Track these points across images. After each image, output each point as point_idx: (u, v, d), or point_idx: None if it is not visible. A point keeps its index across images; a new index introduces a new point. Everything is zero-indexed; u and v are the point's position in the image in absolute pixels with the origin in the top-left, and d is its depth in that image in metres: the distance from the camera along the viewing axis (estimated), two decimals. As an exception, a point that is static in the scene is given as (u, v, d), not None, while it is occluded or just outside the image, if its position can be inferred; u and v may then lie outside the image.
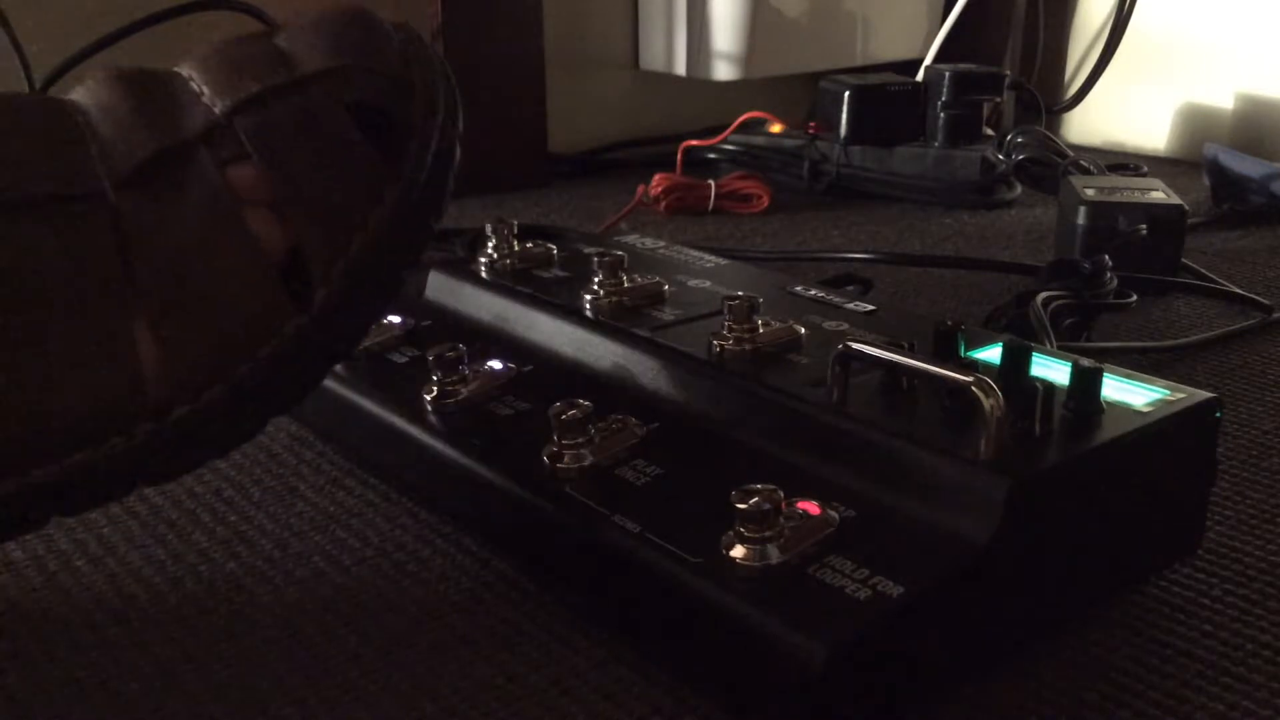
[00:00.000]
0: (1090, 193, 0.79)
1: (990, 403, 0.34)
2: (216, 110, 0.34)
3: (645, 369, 0.44)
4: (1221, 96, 1.22)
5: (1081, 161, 0.98)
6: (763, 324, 0.43)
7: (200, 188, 0.33)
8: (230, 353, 0.33)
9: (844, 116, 1.03)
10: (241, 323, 0.33)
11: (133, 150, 0.33)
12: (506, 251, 0.55)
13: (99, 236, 0.31)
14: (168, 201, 0.32)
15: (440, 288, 0.55)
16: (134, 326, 0.31)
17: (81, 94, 0.35)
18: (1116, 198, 0.78)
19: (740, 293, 0.45)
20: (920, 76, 1.08)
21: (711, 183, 0.97)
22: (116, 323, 0.31)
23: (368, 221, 0.34)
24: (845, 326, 0.46)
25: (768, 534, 0.33)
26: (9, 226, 0.30)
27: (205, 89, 0.35)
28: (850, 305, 0.49)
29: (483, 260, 0.55)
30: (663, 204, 0.96)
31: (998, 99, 1.08)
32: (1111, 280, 0.67)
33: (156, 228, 0.32)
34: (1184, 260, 0.78)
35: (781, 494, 0.34)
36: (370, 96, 0.35)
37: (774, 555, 0.33)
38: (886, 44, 1.25)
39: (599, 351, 0.46)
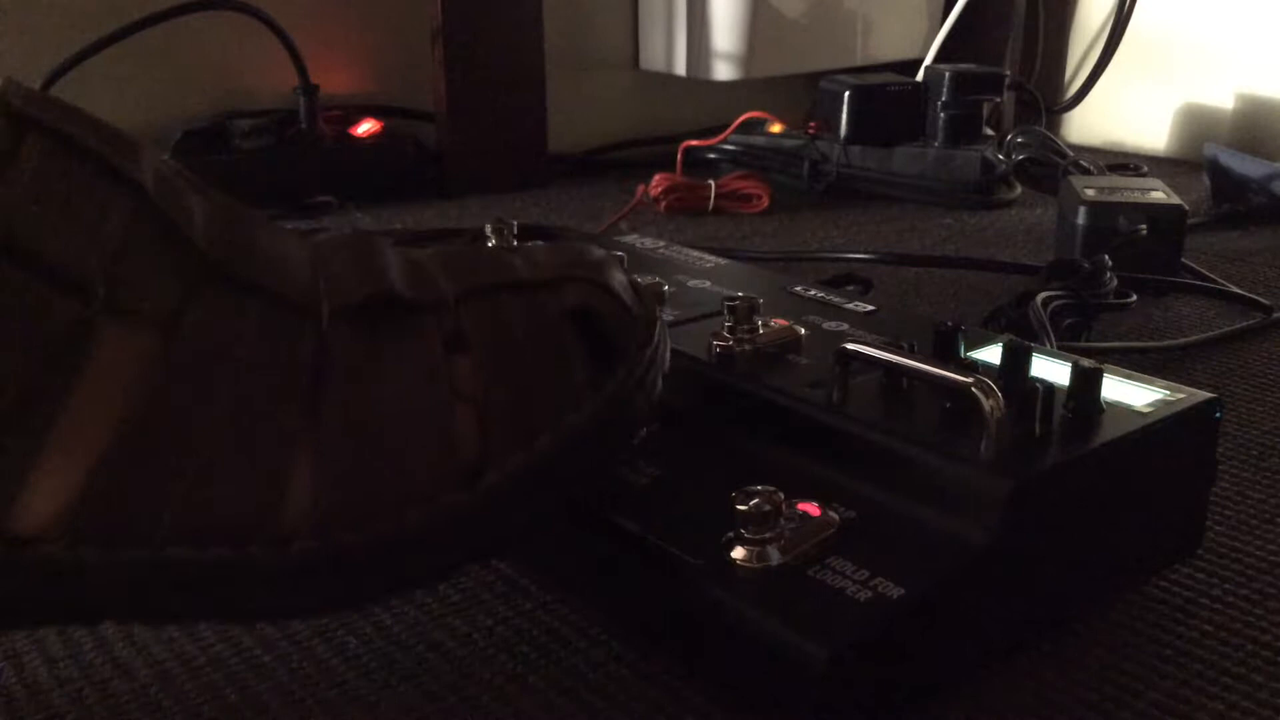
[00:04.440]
0: (1090, 193, 0.79)
1: (990, 404, 0.34)
2: (449, 294, 0.34)
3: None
4: (1221, 96, 1.22)
5: (1081, 161, 0.98)
6: (763, 324, 0.43)
7: (416, 352, 0.33)
8: (378, 511, 0.31)
9: (844, 116, 1.03)
10: (400, 485, 0.32)
11: (358, 288, 0.33)
12: (506, 252, 0.55)
13: (297, 348, 0.31)
14: (377, 351, 0.32)
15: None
16: (298, 448, 0.31)
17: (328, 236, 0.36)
18: (1116, 198, 0.78)
19: (740, 293, 0.45)
20: (920, 76, 1.08)
21: (711, 183, 0.97)
22: (284, 433, 0.31)
23: (560, 426, 0.33)
24: (845, 327, 0.46)
25: (768, 535, 0.33)
26: (220, 302, 0.30)
27: (439, 273, 0.35)
28: (850, 305, 0.49)
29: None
30: (663, 204, 0.96)
31: (998, 99, 1.08)
32: (1111, 280, 0.67)
33: (357, 370, 0.32)
34: (1184, 260, 0.78)
35: (782, 495, 0.34)
36: (595, 307, 0.35)
37: (775, 557, 0.33)
38: (886, 44, 1.24)
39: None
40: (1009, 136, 1.08)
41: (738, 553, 0.33)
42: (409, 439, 0.32)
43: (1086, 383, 0.37)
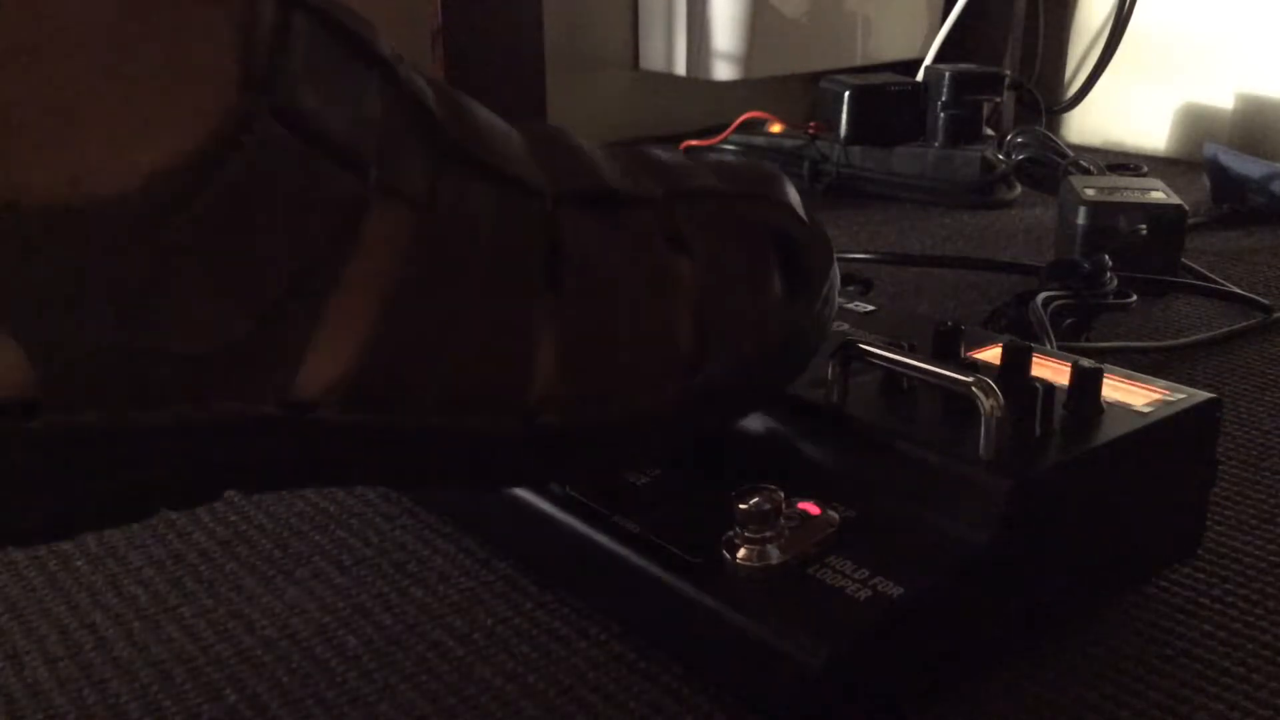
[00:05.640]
0: (1090, 193, 0.79)
1: (990, 403, 0.34)
2: (658, 191, 0.35)
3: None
4: (1221, 96, 1.22)
5: (1081, 161, 0.98)
6: (762, 324, 0.43)
7: (641, 243, 0.34)
8: (614, 392, 0.33)
9: (844, 116, 1.03)
10: (632, 370, 0.33)
11: (579, 176, 0.34)
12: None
13: (532, 228, 0.32)
14: (608, 235, 0.33)
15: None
16: (543, 326, 0.32)
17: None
18: (1116, 198, 0.78)
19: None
20: (920, 76, 1.08)
21: (711, 183, 0.97)
22: (529, 311, 0.32)
23: (763, 335, 0.35)
24: (845, 326, 0.46)
25: (768, 534, 0.33)
26: (464, 182, 0.31)
27: (641, 174, 0.36)
28: (850, 305, 0.49)
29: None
30: (662, 204, 0.96)
31: (998, 99, 1.08)
32: (1111, 280, 0.67)
33: (591, 252, 0.33)
34: (1184, 260, 0.78)
35: (781, 494, 0.34)
36: (786, 227, 0.37)
37: (774, 556, 0.33)
38: (886, 44, 1.24)
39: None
40: (1009, 136, 1.08)
41: (737, 552, 0.33)
42: (640, 326, 0.33)
43: (1086, 382, 0.37)
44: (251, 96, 0.27)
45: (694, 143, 1.06)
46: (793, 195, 0.38)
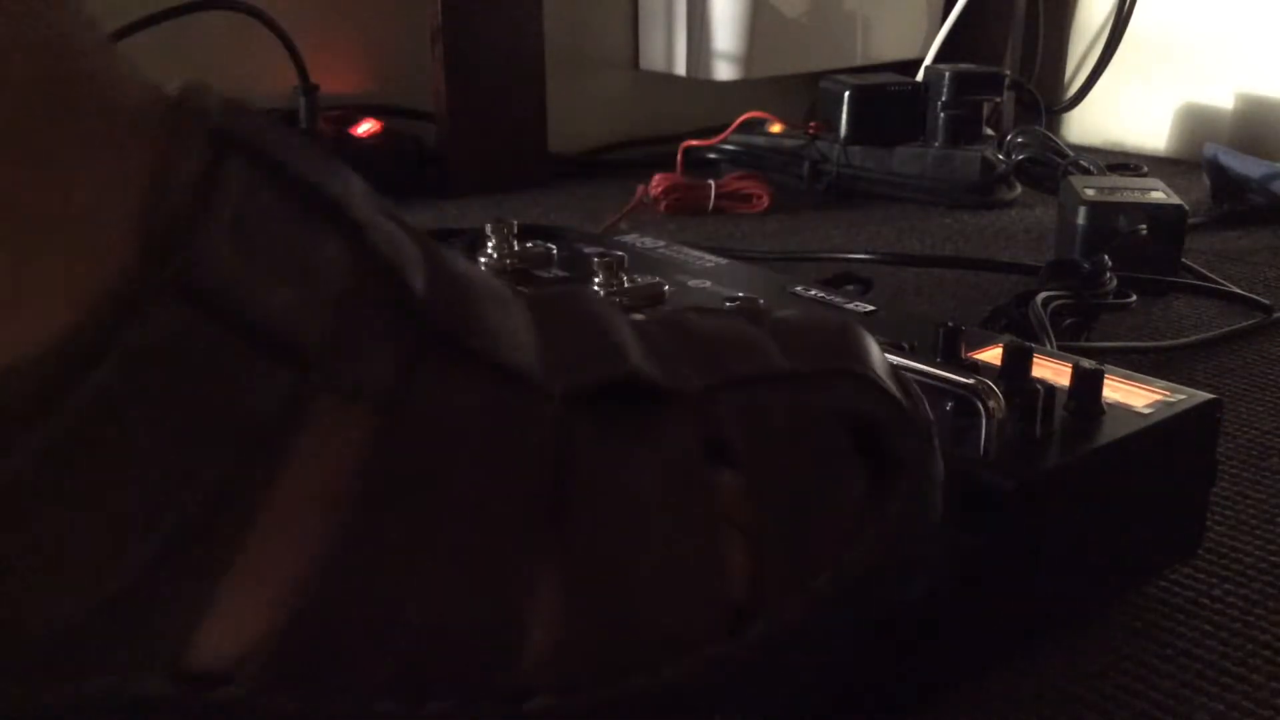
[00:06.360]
0: (1090, 193, 0.79)
1: (991, 404, 0.34)
2: (696, 381, 0.27)
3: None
4: (1221, 96, 1.22)
5: (1081, 161, 0.98)
6: (763, 324, 0.43)
7: (672, 456, 0.26)
8: (634, 654, 0.25)
9: (844, 116, 1.03)
10: (661, 625, 0.25)
11: (598, 363, 0.26)
12: (506, 251, 0.55)
13: (536, 436, 0.24)
14: (625, 445, 0.26)
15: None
16: (544, 570, 0.24)
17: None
18: (1116, 198, 0.78)
19: (740, 293, 0.45)
20: (920, 76, 1.08)
21: (711, 183, 0.97)
22: (528, 548, 0.24)
23: (841, 561, 0.27)
24: (845, 327, 0.46)
25: (768, 535, 0.33)
26: (446, 376, 0.24)
27: (679, 353, 0.28)
28: (850, 305, 0.49)
29: (482, 260, 0.55)
30: (663, 204, 0.96)
31: (998, 99, 1.08)
32: (1111, 280, 0.67)
33: (609, 470, 0.25)
34: (1184, 260, 0.78)
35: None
36: (866, 409, 0.28)
37: (774, 556, 0.33)
38: (886, 44, 1.25)
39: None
40: (1009, 136, 1.08)
41: (738, 553, 0.33)
42: (672, 565, 0.25)
43: (1087, 383, 0.37)
44: (152, 267, 0.20)
45: (694, 142, 1.06)
46: (875, 357, 0.29)
